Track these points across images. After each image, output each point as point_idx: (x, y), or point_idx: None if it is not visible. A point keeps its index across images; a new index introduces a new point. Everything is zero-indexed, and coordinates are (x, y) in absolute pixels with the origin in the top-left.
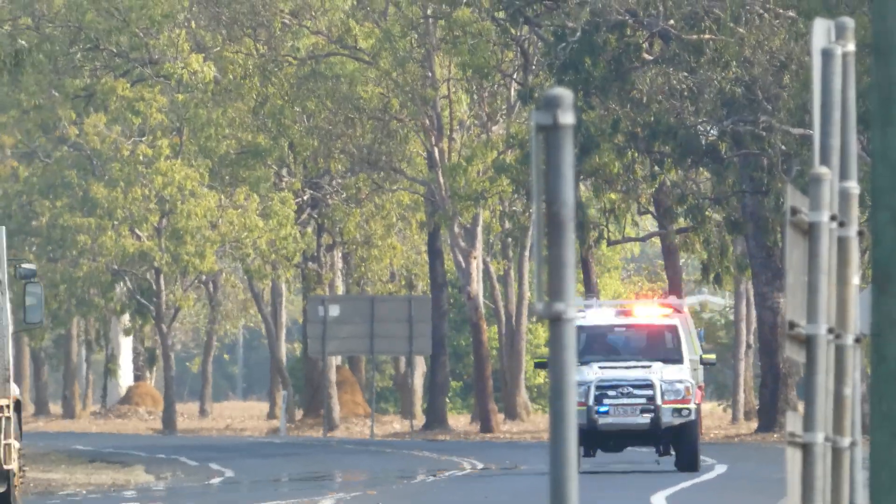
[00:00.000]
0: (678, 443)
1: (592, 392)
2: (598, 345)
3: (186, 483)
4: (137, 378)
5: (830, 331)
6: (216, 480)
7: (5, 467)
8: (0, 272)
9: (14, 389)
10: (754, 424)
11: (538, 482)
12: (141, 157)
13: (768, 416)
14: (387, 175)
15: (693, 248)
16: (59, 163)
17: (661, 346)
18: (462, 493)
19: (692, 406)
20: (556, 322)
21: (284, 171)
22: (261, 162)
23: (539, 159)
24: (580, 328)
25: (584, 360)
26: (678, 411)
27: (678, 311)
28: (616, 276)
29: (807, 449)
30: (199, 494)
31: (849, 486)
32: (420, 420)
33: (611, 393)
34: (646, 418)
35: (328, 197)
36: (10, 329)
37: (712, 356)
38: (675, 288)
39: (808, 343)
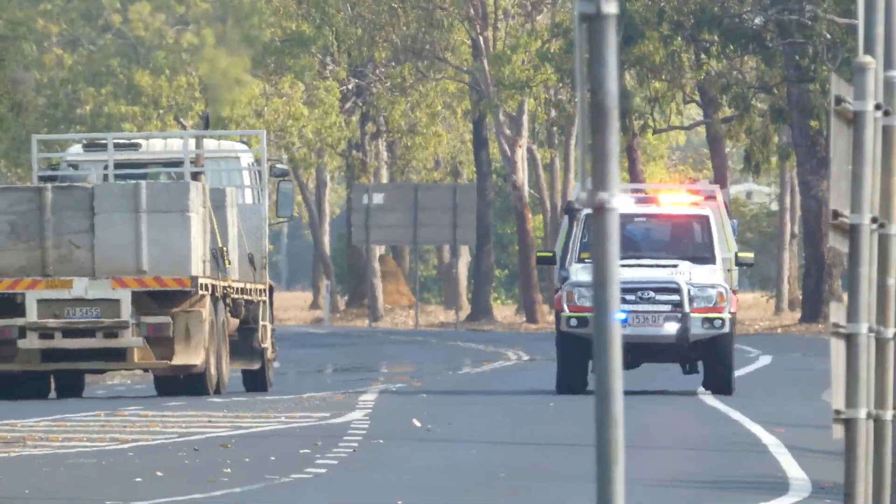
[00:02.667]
0: (708, 359)
1: None
2: None
3: (231, 374)
4: None
5: (874, 220)
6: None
7: (263, 346)
8: (261, 171)
9: (266, 276)
10: (798, 315)
11: None
12: (185, 45)
13: (812, 307)
14: (431, 64)
15: (738, 136)
16: (103, 51)
17: (690, 242)
18: (507, 383)
19: (726, 316)
20: (599, 211)
21: (329, 60)
22: (305, 50)
23: (582, 48)
24: (591, 217)
25: None
26: (710, 321)
27: (710, 198)
28: (661, 165)
29: (850, 340)
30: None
31: (892, 376)
32: (465, 310)
33: (629, 297)
34: (671, 329)
35: (372, 85)
36: (267, 221)
37: (749, 254)
38: (720, 177)
39: (852, 233)
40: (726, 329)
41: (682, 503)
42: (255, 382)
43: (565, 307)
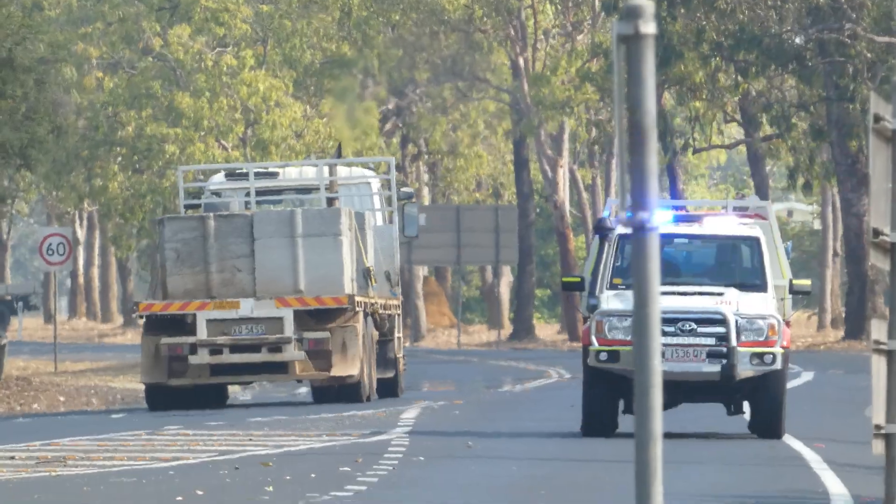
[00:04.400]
0: (757, 400)
1: None
2: None
3: (273, 392)
4: None
5: None
6: (303, 390)
7: (397, 356)
8: (391, 194)
9: (399, 291)
10: (841, 332)
11: None
12: (225, 68)
13: (855, 324)
14: (471, 84)
15: (779, 154)
16: (143, 74)
17: (738, 267)
18: (549, 401)
19: (777, 351)
20: (639, 230)
21: (369, 81)
22: (345, 72)
23: (621, 69)
24: (624, 237)
25: (628, 283)
26: (759, 357)
27: (761, 217)
28: (703, 184)
29: (892, 356)
30: (285, 403)
31: None
32: (507, 330)
33: (667, 329)
34: (715, 366)
35: (413, 106)
36: (398, 241)
37: (806, 282)
38: (762, 195)
39: (893, 250)
40: (778, 366)
41: None
42: (389, 389)
43: (594, 340)
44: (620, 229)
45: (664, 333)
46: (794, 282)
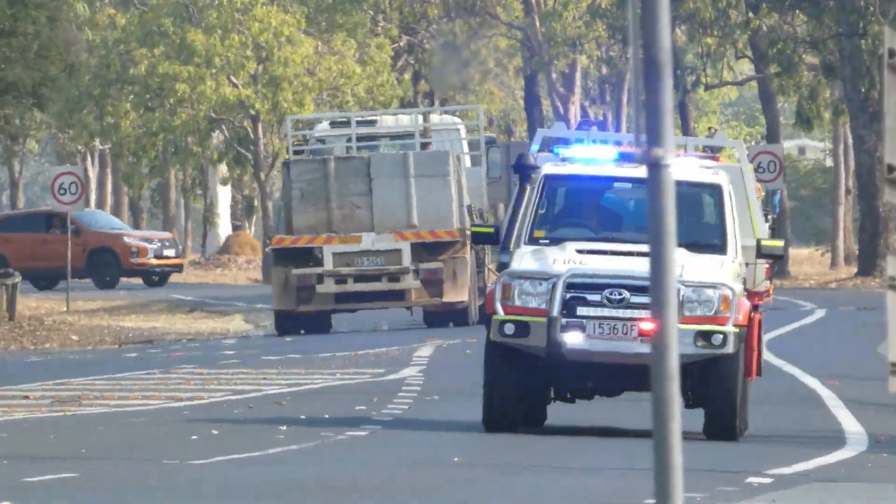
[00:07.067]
0: (704, 392)
1: (559, 293)
2: (581, 210)
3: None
4: (236, 227)
5: None
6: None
7: (487, 284)
8: (478, 139)
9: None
10: (854, 269)
11: None
12: (238, 4)
13: (868, 261)
14: (483, 20)
15: (789, 92)
16: (155, 11)
17: (694, 221)
18: None
19: (729, 330)
20: (653, 167)
21: (381, 17)
22: (357, 7)
23: (635, 4)
24: (552, 178)
25: (553, 236)
26: (705, 337)
27: (733, 159)
28: (714, 121)
29: None
30: (298, 341)
31: None
32: None
33: (591, 297)
34: (649, 346)
35: (425, 42)
36: (485, 182)
37: (778, 243)
38: (772, 132)
39: None
40: (729, 349)
41: (739, 458)
42: (481, 315)
43: (498, 307)
44: (548, 168)
45: (587, 303)
46: (764, 243)
